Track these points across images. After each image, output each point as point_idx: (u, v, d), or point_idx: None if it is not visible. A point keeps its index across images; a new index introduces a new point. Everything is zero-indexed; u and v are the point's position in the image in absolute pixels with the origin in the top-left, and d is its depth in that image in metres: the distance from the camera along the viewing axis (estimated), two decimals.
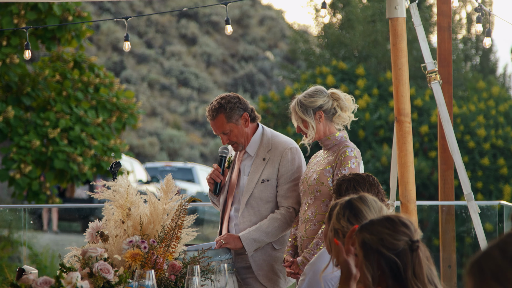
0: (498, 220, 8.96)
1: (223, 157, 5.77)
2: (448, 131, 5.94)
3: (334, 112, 5.41)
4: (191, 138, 34.46)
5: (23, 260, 12.16)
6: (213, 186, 5.77)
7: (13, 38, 12.82)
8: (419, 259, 3.00)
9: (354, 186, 4.47)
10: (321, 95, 5.41)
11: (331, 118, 5.42)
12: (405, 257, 2.99)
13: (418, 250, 3.01)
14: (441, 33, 7.24)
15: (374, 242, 3.01)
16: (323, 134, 5.41)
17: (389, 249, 3.00)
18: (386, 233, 3.02)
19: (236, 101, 5.69)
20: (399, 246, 3.00)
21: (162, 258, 4.76)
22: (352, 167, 5.25)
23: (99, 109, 13.91)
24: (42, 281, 4.31)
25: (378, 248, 3.00)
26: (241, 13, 41.90)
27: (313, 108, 5.39)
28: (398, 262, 2.99)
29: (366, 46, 22.87)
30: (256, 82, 38.42)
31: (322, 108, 5.39)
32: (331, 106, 5.40)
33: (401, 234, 3.02)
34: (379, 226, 3.04)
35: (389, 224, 3.04)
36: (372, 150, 20.11)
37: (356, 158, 5.29)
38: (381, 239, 3.01)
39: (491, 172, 19.75)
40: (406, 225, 3.05)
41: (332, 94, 5.43)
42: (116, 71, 34.70)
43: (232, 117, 5.66)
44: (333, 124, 5.43)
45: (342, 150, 5.31)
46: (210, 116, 5.72)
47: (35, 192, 13.44)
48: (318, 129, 5.40)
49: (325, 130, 5.41)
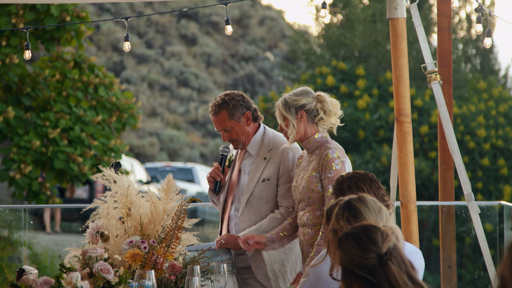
0: (498, 221, 8.96)
1: (224, 155, 5.77)
2: (448, 132, 5.94)
3: (317, 113, 5.34)
4: (191, 138, 34.46)
5: (23, 260, 12.17)
6: (213, 184, 5.76)
7: (12, 38, 12.81)
8: (391, 270, 3.00)
9: (355, 182, 4.44)
10: (306, 95, 5.36)
11: (313, 119, 5.35)
12: (377, 273, 3.00)
13: (389, 262, 3.01)
14: (441, 33, 7.24)
15: (346, 262, 3.04)
16: (303, 134, 5.35)
17: (360, 268, 3.01)
18: (354, 253, 3.03)
19: (239, 99, 5.69)
20: (368, 264, 3.01)
21: (162, 259, 4.75)
22: (337, 168, 5.19)
23: (98, 109, 13.91)
24: (42, 281, 4.31)
25: (350, 268, 3.03)
26: (241, 13, 41.90)
27: (296, 106, 5.34)
28: (372, 279, 3.00)
29: (366, 47, 22.87)
30: (256, 82, 38.42)
31: (304, 107, 5.33)
32: (314, 107, 5.34)
33: (369, 252, 3.02)
34: (348, 244, 3.05)
35: (356, 243, 3.04)
36: (372, 150, 20.11)
37: (339, 158, 5.24)
38: (351, 259, 3.03)
39: (491, 172, 19.75)
40: (373, 240, 3.04)
41: (318, 96, 5.37)
42: (116, 71, 34.70)
43: (234, 114, 5.65)
44: (314, 126, 5.36)
45: (324, 154, 5.26)
46: (212, 112, 5.72)
47: (35, 192, 13.44)
48: (299, 128, 5.34)
49: (305, 130, 5.35)
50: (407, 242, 4.26)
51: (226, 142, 5.81)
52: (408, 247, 4.27)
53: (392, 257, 3.03)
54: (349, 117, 20.24)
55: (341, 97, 21.11)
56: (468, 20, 25.30)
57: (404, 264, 3.05)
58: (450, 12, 7.25)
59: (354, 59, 22.81)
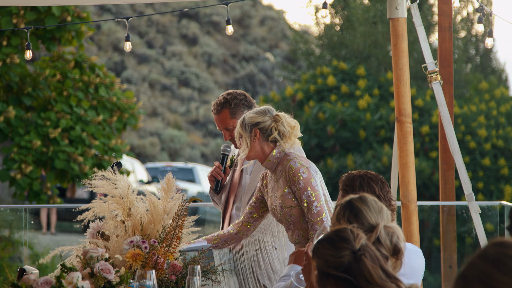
0: (499, 220, 8.97)
1: (225, 155, 5.76)
2: (449, 132, 5.94)
3: (270, 133, 5.20)
4: (192, 138, 34.47)
5: (24, 260, 12.17)
6: (214, 183, 5.75)
7: (13, 38, 12.82)
8: (366, 266, 3.07)
9: (368, 182, 4.41)
10: (262, 114, 5.22)
11: (267, 138, 5.21)
12: (353, 270, 3.06)
13: (363, 257, 3.08)
14: (442, 33, 7.24)
15: (322, 265, 3.10)
16: (261, 153, 5.22)
17: (336, 269, 3.07)
18: (328, 255, 3.10)
19: (242, 98, 5.69)
20: (344, 262, 3.08)
21: (163, 258, 4.76)
22: (304, 177, 5.08)
23: (99, 108, 13.92)
24: (43, 281, 4.31)
25: (327, 271, 3.08)
26: (242, 13, 41.90)
27: (251, 124, 5.23)
28: (349, 278, 3.06)
29: (367, 47, 22.87)
30: (257, 83, 38.42)
31: (258, 125, 5.20)
32: (268, 126, 5.20)
33: (343, 250, 3.10)
34: (322, 248, 3.12)
35: (328, 245, 3.12)
36: (373, 151, 20.11)
37: (303, 166, 5.11)
38: (326, 261, 3.09)
39: (492, 172, 19.75)
40: (345, 239, 3.12)
41: (276, 116, 5.24)
42: (117, 71, 34.70)
43: (236, 113, 5.65)
44: (270, 144, 5.22)
45: (287, 167, 5.14)
46: (214, 111, 5.72)
47: (36, 192, 13.45)
48: (253, 146, 5.21)
49: (262, 148, 5.21)
50: (407, 242, 4.26)
51: (228, 141, 5.81)
52: (409, 247, 4.27)
53: (365, 253, 3.10)
54: (350, 117, 20.25)
55: (342, 97, 21.12)
56: (469, 20, 25.29)
57: (377, 259, 3.11)
58: (451, 12, 7.25)
59: (355, 59, 22.82)
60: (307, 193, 5.07)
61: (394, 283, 3.10)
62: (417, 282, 4.23)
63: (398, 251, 3.50)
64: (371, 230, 3.53)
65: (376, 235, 3.49)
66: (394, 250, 3.50)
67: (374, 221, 3.59)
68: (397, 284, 3.11)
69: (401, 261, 3.51)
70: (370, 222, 3.58)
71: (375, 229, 3.53)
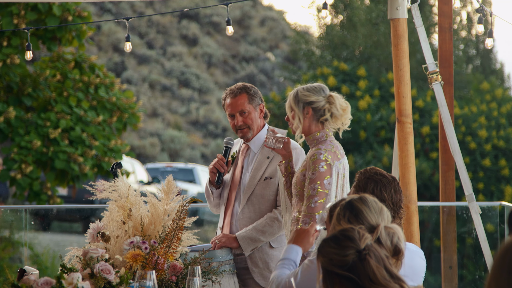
0: (499, 221, 8.96)
1: (228, 147, 5.77)
2: (450, 132, 5.94)
3: (323, 113, 5.22)
4: (192, 139, 34.46)
5: (24, 261, 12.16)
6: (216, 176, 5.74)
7: (13, 38, 12.81)
8: (371, 266, 3.09)
9: (380, 189, 4.36)
10: (317, 93, 5.24)
11: (319, 118, 5.24)
12: (357, 269, 3.08)
13: (367, 257, 3.10)
14: (442, 34, 7.24)
15: (327, 264, 3.12)
16: (307, 130, 5.26)
17: (341, 267, 3.10)
18: (333, 253, 3.12)
19: (257, 90, 5.80)
20: (348, 261, 3.10)
21: (163, 259, 4.75)
22: (321, 171, 5.07)
23: (99, 109, 13.91)
24: (43, 282, 4.30)
25: (331, 269, 3.11)
26: (242, 13, 41.90)
27: (304, 102, 5.26)
28: (353, 276, 3.08)
29: (367, 48, 22.87)
30: (257, 83, 38.42)
31: (312, 105, 5.22)
32: (321, 106, 5.22)
33: (347, 249, 3.12)
34: (327, 247, 3.15)
35: (334, 243, 3.14)
36: (373, 151, 20.11)
37: (326, 161, 5.11)
38: (331, 259, 3.11)
39: (492, 173, 19.74)
40: (350, 238, 3.14)
41: (329, 96, 5.25)
42: (117, 71, 34.70)
43: (254, 100, 5.72)
44: (319, 124, 5.25)
45: (313, 153, 5.15)
46: (232, 94, 5.75)
47: (36, 193, 13.45)
48: (304, 123, 5.28)
49: (309, 127, 5.24)
50: (408, 242, 4.26)
51: (229, 137, 5.83)
52: (410, 247, 4.26)
53: (370, 252, 3.11)
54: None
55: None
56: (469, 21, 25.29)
57: (382, 260, 3.13)
58: (451, 13, 7.25)
59: (356, 60, 22.81)
60: (314, 185, 5.07)
61: (398, 284, 3.11)
62: (419, 283, 4.23)
63: (398, 252, 3.50)
64: (371, 230, 3.53)
65: (376, 235, 3.49)
66: (395, 251, 3.50)
67: (374, 221, 3.59)
68: (401, 285, 3.11)
69: (401, 261, 3.51)
70: (371, 223, 3.58)
71: (375, 229, 3.53)
